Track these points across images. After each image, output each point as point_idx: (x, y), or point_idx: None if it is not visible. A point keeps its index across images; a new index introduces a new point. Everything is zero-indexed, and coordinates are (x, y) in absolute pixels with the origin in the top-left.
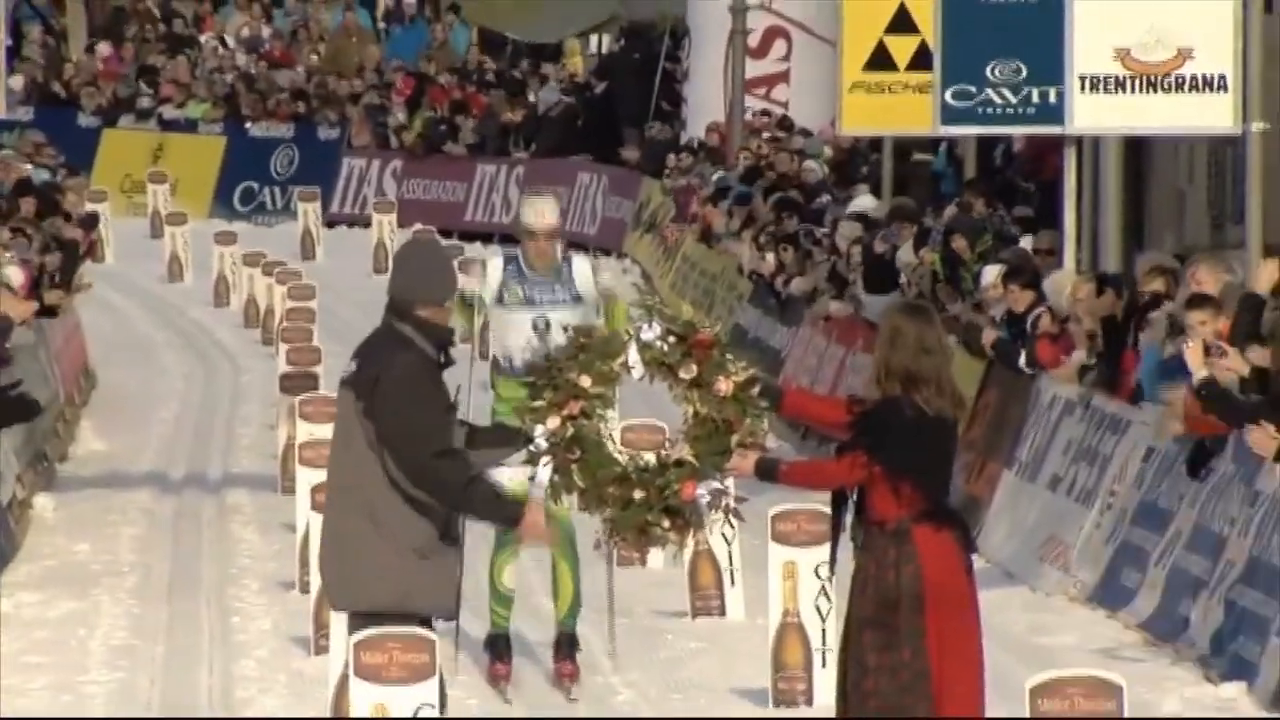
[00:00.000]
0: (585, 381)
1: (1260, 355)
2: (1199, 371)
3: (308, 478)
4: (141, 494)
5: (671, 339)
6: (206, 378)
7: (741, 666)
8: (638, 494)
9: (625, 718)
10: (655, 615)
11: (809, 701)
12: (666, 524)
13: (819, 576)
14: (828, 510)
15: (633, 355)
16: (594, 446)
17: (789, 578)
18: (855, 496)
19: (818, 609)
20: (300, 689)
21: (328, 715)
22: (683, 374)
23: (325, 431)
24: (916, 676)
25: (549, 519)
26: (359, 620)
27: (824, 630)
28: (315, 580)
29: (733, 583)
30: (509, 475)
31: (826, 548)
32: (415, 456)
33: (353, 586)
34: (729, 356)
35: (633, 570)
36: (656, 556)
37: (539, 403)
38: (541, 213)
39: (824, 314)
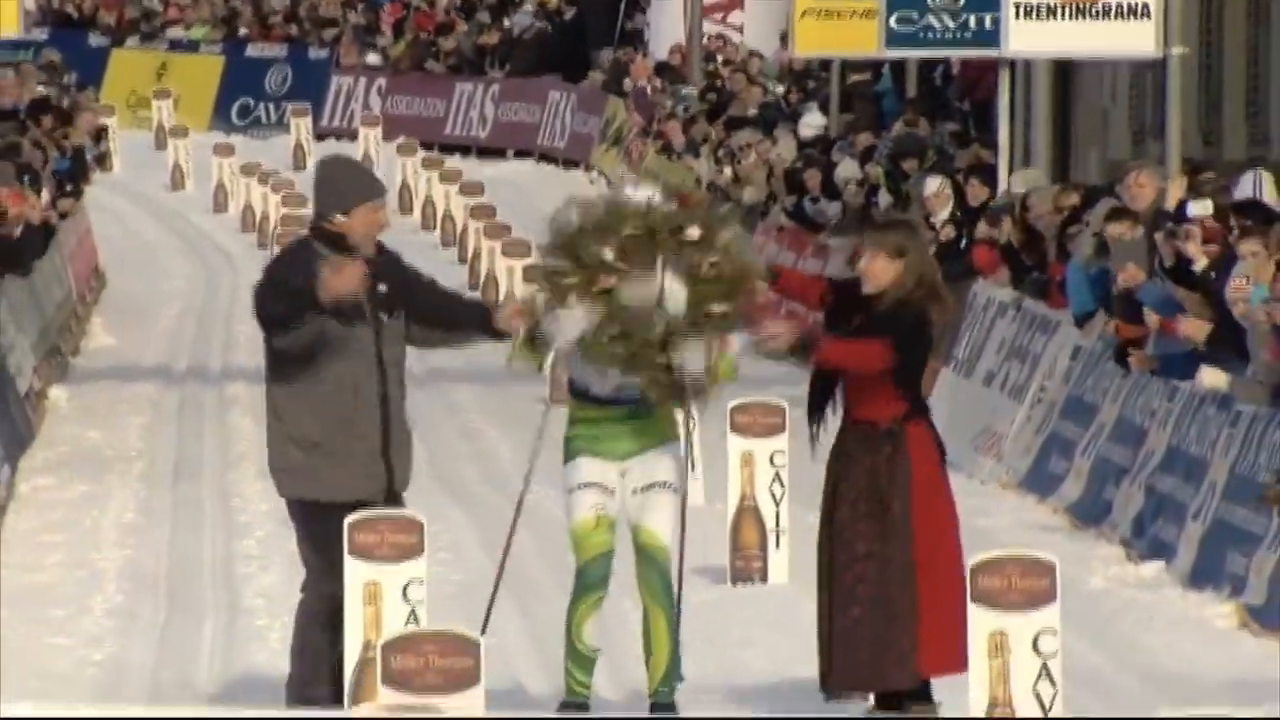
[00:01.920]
0: (609, 254)
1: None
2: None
3: None
4: (148, 386)
5: (672, 203)
6: (207, 278)
7: (702, 547)
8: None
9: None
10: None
11: (764, 578)
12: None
13: (773, 464)
14: (781, 404)
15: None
16: (631, 316)
17: (746, 465)
18: (817, 390)
19: (772, 494)
20: (296, 566)
21: None
22: (690, 234)
23: None
24: (905, 569)
25: (644, 558)
26: (291, 506)
27: (777, 514)
28: None
29: (694, 470)
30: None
31: (780, 439)
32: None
33: (275, 476)
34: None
35: None
36: None
37: (569, 280)
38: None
39: (777, 224)
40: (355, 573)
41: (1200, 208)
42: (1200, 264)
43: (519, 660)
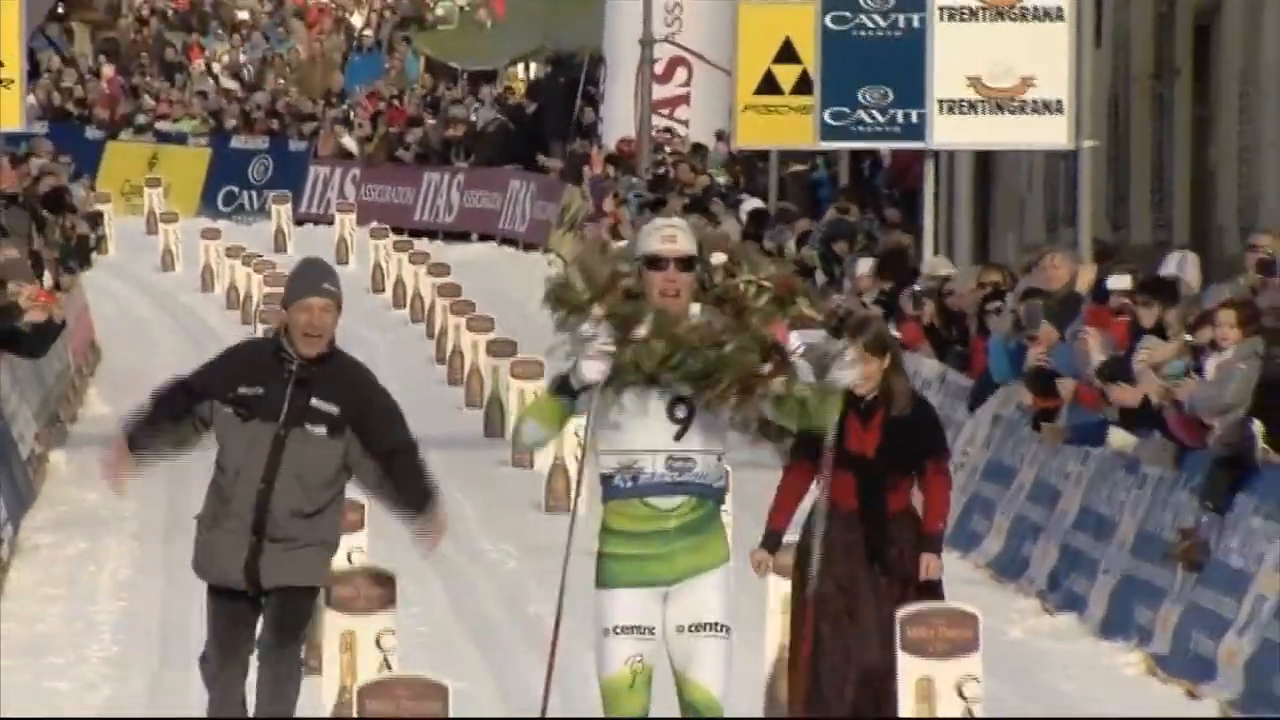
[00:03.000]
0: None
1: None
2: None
3: None
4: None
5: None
6: (194, 352)
7: None
8: (729, 347)
9: None
10: (583, 555)
11: None
12: (768, 367)
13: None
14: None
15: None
16: (662, 315)
17: None
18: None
19: None
20: None
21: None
22: (714, 259)
23: None
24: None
25: (686, 704)
26: None
27: None
28: None
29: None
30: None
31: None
32: None
33: None
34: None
35: (560, 517)
36: None
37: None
38: (672, 236)
39: None
40: (333, 623)
41: (1119, 283)
42: (1097, 360)
43: (489, 707)
